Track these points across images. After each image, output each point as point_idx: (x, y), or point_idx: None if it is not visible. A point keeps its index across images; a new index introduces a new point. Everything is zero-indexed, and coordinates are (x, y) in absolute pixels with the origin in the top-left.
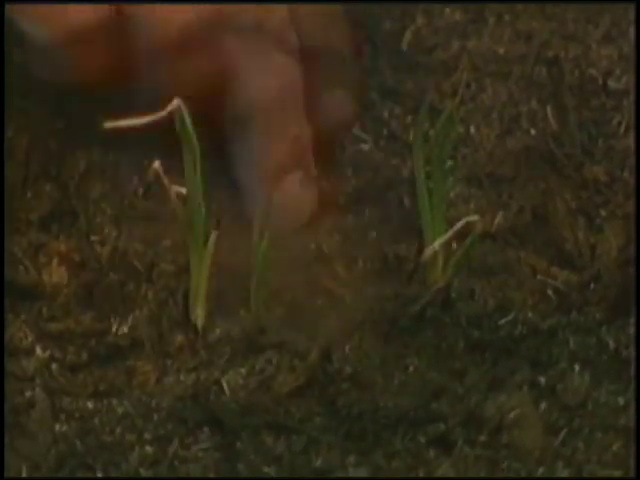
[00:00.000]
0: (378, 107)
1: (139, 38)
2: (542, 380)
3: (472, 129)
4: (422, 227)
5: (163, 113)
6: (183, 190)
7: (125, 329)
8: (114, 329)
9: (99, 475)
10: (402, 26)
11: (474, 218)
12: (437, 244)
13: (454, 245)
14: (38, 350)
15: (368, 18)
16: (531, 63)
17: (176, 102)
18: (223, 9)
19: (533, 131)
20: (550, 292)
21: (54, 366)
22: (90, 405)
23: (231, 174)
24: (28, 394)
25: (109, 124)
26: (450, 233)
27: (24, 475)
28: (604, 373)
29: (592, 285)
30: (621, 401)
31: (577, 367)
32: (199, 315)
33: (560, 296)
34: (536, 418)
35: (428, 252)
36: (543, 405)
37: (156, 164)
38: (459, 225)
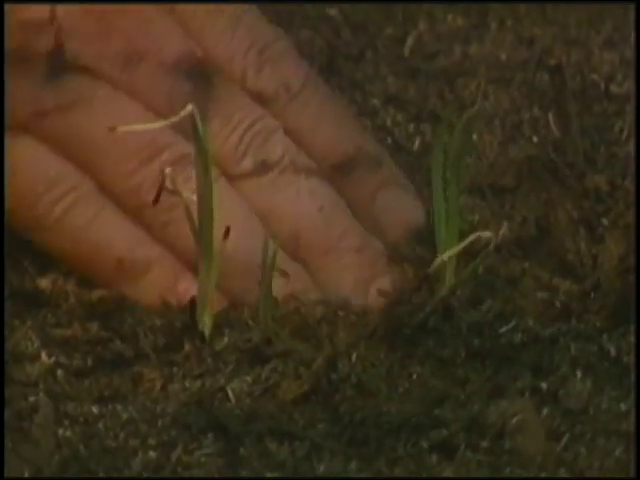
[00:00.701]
0: (381, 115)
1: None
2: (544, 386)
3: (474, 137)
4: (436, 239)
5: (176, 118)
6: (194, 197)
7: (132, 336)
8: (120, 336)
9: None
10: (404, 32)
11: (487, 234)
12: (446, 256)
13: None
14: (43, 356)
15: (370, 24)
16: (533, 69)
17: (189, 107)
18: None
19: (535, 139)
20: (552, 301)
21: (59, 372)
22: (94, 410)
23: None
24: (32, 399)
25: (123, 128)
26: (460, 247)
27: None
28: (605, 379)
29: (593, 294)
30: (623, 407)
31: (579, 373)
32: (206, 323)
33: (561, 305)
34: (538, 424)
35: (436, 263)
36: (545, 411)
37: (167, 170)
38: (470, 239)
